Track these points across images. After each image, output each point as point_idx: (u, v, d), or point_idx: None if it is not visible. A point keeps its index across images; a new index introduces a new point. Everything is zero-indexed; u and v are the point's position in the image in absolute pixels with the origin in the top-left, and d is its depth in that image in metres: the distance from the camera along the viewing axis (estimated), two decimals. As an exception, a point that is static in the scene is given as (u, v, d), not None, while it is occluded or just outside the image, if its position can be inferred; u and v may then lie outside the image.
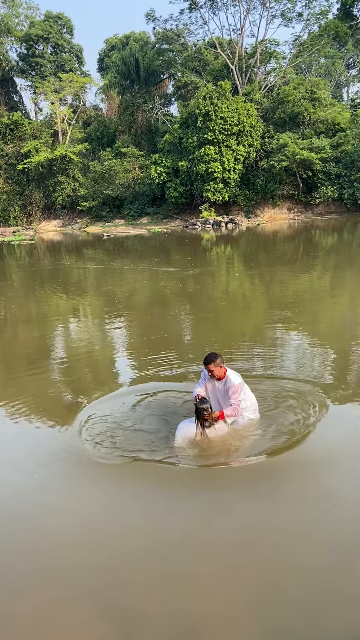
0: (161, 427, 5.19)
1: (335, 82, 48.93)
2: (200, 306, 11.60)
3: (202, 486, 4.32)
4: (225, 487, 4.28)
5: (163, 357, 7.51)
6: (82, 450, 4.87)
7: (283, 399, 5.70)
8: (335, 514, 3.82)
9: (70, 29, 50.94)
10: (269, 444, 4.76)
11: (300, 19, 40.02)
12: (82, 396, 6.25)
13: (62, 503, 4.24)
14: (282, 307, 10.55)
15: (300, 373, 6.55)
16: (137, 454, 4.69)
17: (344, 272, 15.22)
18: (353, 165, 33.45)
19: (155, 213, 40.36)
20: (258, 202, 37.20)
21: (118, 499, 4.24)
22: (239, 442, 4.92)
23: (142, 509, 4.08)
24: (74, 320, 11.30)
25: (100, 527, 3.90)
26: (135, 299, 13.15)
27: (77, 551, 3.65)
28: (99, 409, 5.78)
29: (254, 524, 3.78)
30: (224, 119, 34.58)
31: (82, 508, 4.18)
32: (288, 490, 4.16)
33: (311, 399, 5.67)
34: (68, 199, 43.68)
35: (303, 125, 36.62)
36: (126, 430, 5.18)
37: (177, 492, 4.28)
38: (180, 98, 44.48)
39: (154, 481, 4.39)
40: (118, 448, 4.84)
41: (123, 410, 5.69)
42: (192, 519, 3.91)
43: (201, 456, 4.72)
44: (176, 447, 4.77)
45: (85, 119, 49.20)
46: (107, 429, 5.23)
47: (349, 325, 8.96)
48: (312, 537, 3.61)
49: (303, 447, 4.70)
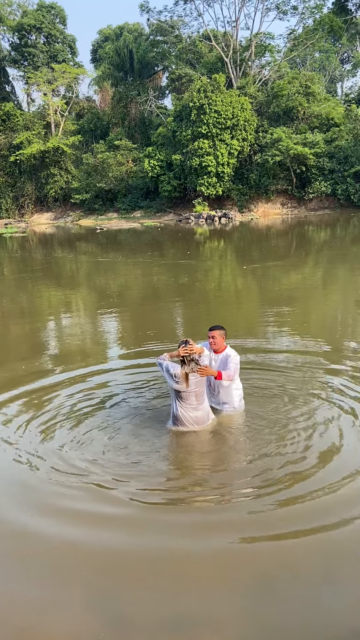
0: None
1: (329, 76, 48.89)
2: (196, 301, 11.60)
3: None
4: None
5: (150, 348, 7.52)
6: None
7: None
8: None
9: (63, 19, 50.34)
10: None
11: (295, 13, 39.86)
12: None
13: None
14: (280, 302, 10.58)
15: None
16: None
17: (337, 268, 15.28)
18: (346, 161, 33.49)
19: (149, 207, 40.19)
20: (252, 196, 37.16)
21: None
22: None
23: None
24: (66, 314, 11.26)
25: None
26: (129, 293, 13.12)
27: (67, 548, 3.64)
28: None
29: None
30: (218, 112, 34.43)
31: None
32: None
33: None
34: (61, 192, 43.34)
35: (297, 119, 36.57)
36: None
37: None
38: (174, 91, 44.17)
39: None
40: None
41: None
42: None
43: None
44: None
45: (78, 111, 48.74)
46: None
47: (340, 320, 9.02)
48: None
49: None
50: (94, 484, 4.23)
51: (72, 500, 4.05)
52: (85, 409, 5.65)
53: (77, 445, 4.87)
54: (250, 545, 3.54)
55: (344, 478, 4.10)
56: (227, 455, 4.73)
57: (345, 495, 3.91)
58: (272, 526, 3.65)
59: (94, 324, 10.15)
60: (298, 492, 3.97)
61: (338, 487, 3.99)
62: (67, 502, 4.04)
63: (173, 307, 11.27)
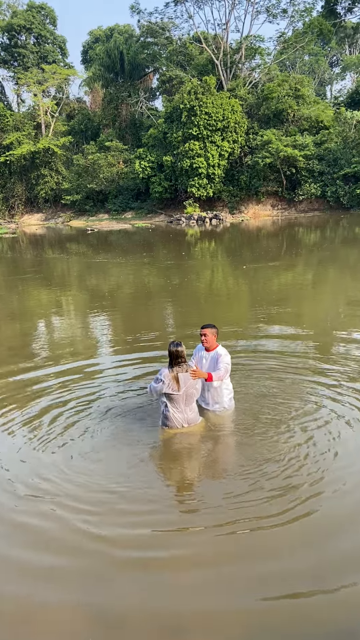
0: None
1: (319, 79, 49.29)
2: (191, 300, 11.66)
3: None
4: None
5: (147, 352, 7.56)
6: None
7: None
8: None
9: (53, 19, 50.25)
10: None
11: (284, 16, 40.14)
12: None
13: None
14: (276, 300, 10.67)
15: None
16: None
17: (327, 269, 15.44)
18: (336, 163, 33.81)
19: (140, 208, 40.21)
20: (242, 198, 37.34)
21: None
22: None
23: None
24: (59, 316, 11.25)
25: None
26: (124, 293, 13.14)
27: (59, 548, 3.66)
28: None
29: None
30: (208, 114, 34.57)
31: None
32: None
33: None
34: (51, 193, 43.20)
35: (287, 122, 36.84)
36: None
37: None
38: (165, 92, 44.26)
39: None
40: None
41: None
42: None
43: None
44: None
45: (69, 112, 48.63)
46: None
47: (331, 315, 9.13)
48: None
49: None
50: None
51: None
52: (76, 411, 5.69)
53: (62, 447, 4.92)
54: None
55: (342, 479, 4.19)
56: (215, 465, 4.69)
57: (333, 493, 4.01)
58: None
59: (90, 324, 10.17)
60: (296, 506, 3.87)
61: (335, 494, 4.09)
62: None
63: (169, 306, 11.32)
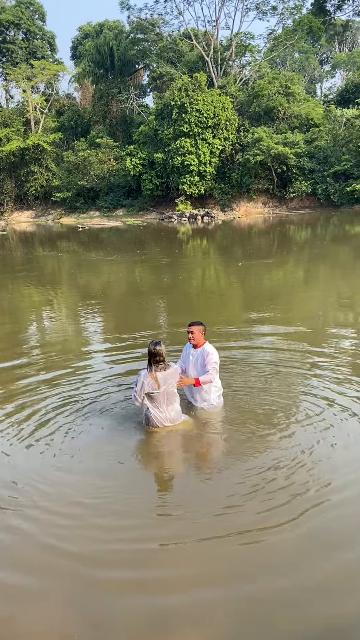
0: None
1: (309, 77, 49.47)
2: (186, 296, 11.67)
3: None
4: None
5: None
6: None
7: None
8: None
9: (42, 15, 49.79)
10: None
11: (274, 13, 40.16)
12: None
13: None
14: (267, 302, 10.73)
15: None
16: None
17: (319, 266, 15.55)
18: (326, 161, 33.97)
19: (131, 205, 40.08)
20: (234, 195, 37.39)
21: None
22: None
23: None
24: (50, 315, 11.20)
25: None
26: (120, 291, 13.12)
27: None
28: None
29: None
30: (199, 111, 34.52)
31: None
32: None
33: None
34: (41, 190, 42.88)
35: (278, 119, 36.91)
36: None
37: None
38: (155, 89, 44.11)
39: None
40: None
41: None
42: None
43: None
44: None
45: (59, 108, 48.26)
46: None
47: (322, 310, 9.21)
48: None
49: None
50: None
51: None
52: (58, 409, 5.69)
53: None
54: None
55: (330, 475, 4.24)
56: (203, 468, 4.54)
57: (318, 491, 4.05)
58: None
59: (80, 322, 10.14)
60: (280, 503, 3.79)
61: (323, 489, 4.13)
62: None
63: (163, 304, 11.34)
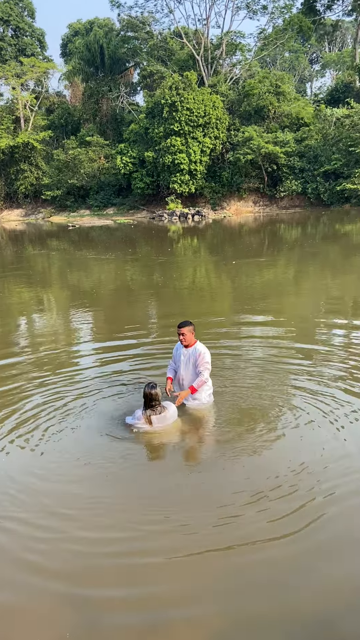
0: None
1: (299, 76, 49.65)
2: (181, 295, 11.67)
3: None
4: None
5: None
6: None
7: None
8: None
9: (31, 12, 49.41)
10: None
11: (265, 12, 40.26)
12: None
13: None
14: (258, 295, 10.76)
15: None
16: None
17: (308, 265, 15.63)
18: (316, 160, 34.13)
19: (122, 204, 39.97)
20: (224, 194, 37.44)
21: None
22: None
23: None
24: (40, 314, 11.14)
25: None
26: (116, 290, 13.08)
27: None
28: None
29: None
30: (190, 110, 34.50)
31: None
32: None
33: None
34: (31, 188, 42.61)
35: (268, 118, 37.01)
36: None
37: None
38: (146, 87, 44.00)
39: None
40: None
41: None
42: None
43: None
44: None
45: (49, 106, 47.94)
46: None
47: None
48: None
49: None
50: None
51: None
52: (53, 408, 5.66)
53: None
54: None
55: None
56: (196, 471, 4.38)
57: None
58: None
59: (71, 321, 10.10)
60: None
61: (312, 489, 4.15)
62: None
63: (155, 302, 11.32)
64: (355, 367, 6.43)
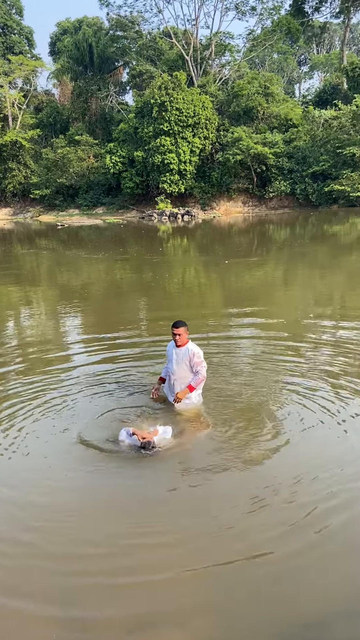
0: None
1: (287, 78, 49.98)
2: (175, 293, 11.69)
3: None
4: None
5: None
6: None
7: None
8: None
9: (19, 9, 49.10)
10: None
11: (253, 13, 40.54)
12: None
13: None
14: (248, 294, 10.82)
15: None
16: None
17: (297, 265, 15.77)
18: (304, 161, 34.39)
19: (111, 203, 39.88)
20: (214, 194, 37.56)
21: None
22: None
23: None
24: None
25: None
26: (97, 290, 13.06)
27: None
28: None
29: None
30: (179, 110, 34.54)
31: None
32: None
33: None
34: (19, 187, 42.30)
35: (257, 119, 37.21)
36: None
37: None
38: (135, 87, 43.92)
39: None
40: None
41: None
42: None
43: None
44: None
45: (37, 104, 47.61)
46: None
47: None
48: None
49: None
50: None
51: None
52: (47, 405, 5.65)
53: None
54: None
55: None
56: (186, 475, 4.24)
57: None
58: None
59: (60, 320, 10.07)
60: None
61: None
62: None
63: (147, 301, 11.33)
64: (345, 363, 6.53)
